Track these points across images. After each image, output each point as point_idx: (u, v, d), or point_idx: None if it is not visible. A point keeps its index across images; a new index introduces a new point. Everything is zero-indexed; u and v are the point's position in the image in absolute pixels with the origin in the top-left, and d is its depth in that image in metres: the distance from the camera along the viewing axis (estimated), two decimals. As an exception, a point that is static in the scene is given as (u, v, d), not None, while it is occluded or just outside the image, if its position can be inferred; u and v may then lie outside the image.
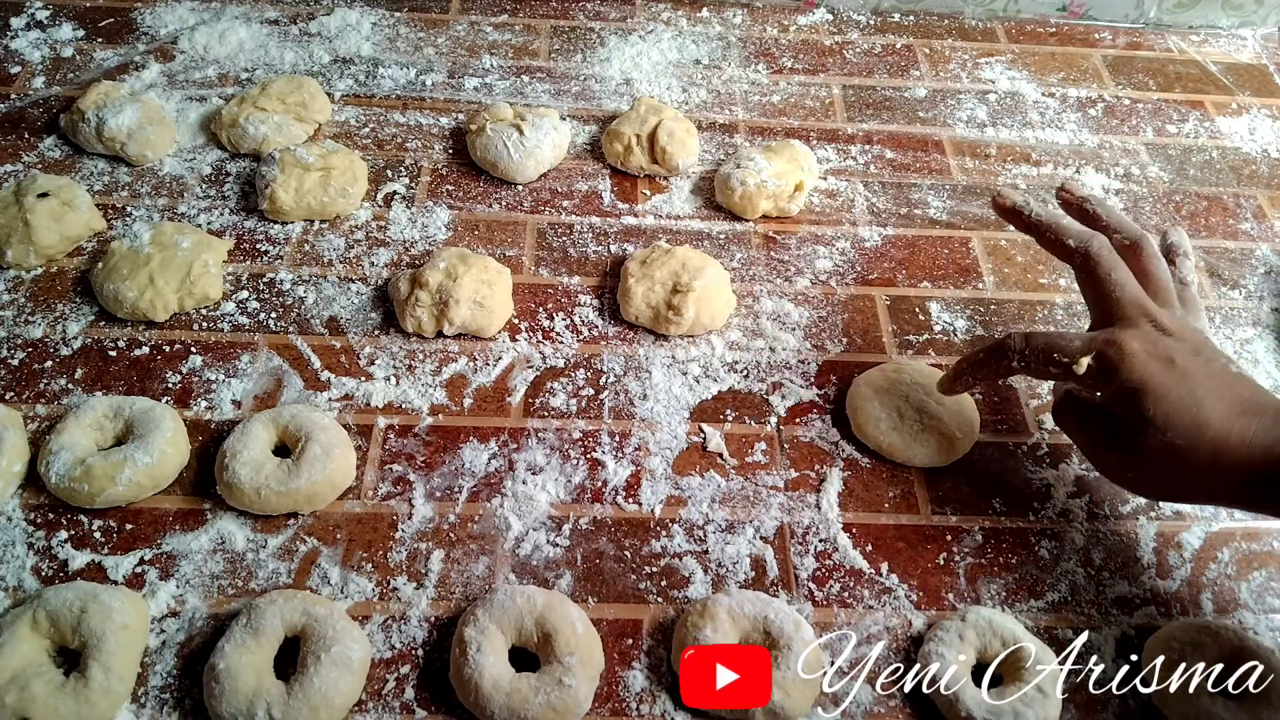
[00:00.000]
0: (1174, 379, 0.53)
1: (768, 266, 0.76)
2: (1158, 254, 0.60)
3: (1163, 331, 0.55)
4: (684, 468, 0.63)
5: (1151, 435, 0.53)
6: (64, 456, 0.58)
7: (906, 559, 0.60)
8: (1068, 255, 0.60)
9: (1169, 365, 0.53)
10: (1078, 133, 0.89)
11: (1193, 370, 0.53)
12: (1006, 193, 0.63)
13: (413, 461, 0.63)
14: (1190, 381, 0.53)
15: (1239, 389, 0.53)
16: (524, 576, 0.58)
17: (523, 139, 0.78)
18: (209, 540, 0.58)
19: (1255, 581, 0.60)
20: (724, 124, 0.87)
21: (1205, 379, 0.53)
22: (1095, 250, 0.58)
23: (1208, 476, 0.52)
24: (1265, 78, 0.97)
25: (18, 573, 0.56)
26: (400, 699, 0.53)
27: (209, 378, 0.66)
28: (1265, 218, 0.83)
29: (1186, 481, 0.54)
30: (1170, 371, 0.53)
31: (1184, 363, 0.53)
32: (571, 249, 0.76)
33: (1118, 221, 0.61)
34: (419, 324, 0.68)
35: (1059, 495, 0.63)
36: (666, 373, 0.68)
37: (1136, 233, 0.60)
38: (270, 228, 0.76)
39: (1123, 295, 0.57)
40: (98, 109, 0.78)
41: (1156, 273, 0.59)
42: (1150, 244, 0.60)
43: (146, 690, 0.52)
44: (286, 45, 0.91)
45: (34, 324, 0.68)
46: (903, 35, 0.98)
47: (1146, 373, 0.53)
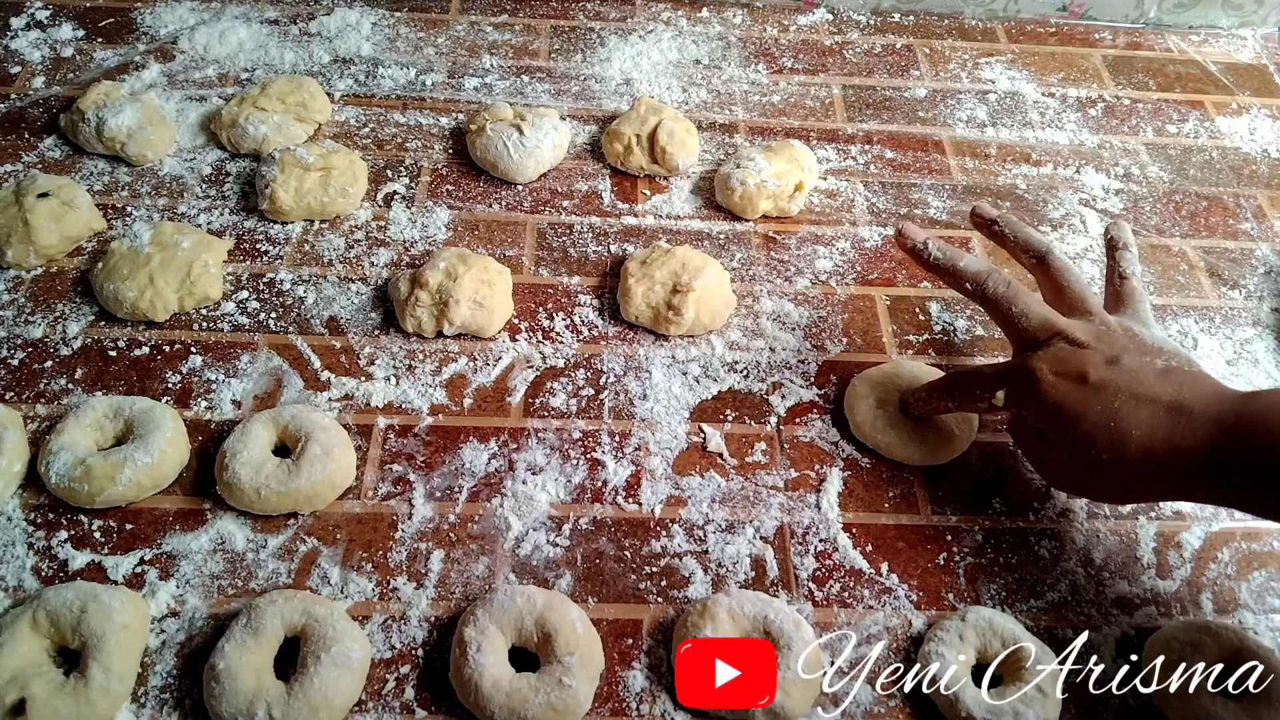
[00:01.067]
0: (1087, 396, 0.53)
1: (768, 266, 0.76)
2: (1067, 265, 0.61)
3: (1076, 345, 0.55)
4: (684, 468, 0.63)
5: (1081, 453, 0.53)
6: (64, 456, 0.58)
7: (906, 559, 0.60)
8: (968, 294, 0.61)
9: (1081, 383, 0.53)
10: (1078, 133, 0.89)
11: (1108, 382, 0.53)
12: (909, 231, 0.63)
13: (413, 461, 0.63)
14: (1105, 395, 0.52)
15: (1160, 391, 0.52)
16: (524, 576, 0.58)
17: (523, 139, 0.79)
18: (209, 540, 0.58)
19: (1255, 581, 0.60)
20: (724, 124, 0.87)
21: (1123, 387, 0.52)
22: (991, 287, 0.59)
23: (1147, 481, 0.53)
24: (1265, 78, 0.97)
25: (18, 573, 0.56)
26: (400, 699, 0.53)
27: (209, 378, 0.66)
28: (1265, 218, 0.83)
29: (1133, 487, 0.54)
30: (1083, 390, 0.53)
31: (1098, 376, 0.53)
32: (571, 249, 0.76)
33: (1024, 238, 0.63)
34: (419, 324, 0.68)
35: (1059, 495, 0.63)
36: (666, 373, 0.68)
37: (1043, 247, 0.62)
38: (270, 228, 0.76)
39: (1028, 323, 0.57)
40: (98, 109, 0.78)
41: (1068, 282, 0.60)
42: (1057, 255, 0.61)
43: (146, 690, 0.52)
44: (286, 45, 0.91)
45: (34, 324, 0.68)
46: (903, 35, 0.98)
47: (1058, 394, 0.53)
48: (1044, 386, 0.54)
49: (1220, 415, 0.50)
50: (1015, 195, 0.83)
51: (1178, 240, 0.80)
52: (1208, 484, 0.51)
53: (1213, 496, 0.52)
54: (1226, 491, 0.51)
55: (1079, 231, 0.80)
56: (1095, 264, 0.78)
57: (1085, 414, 0.52)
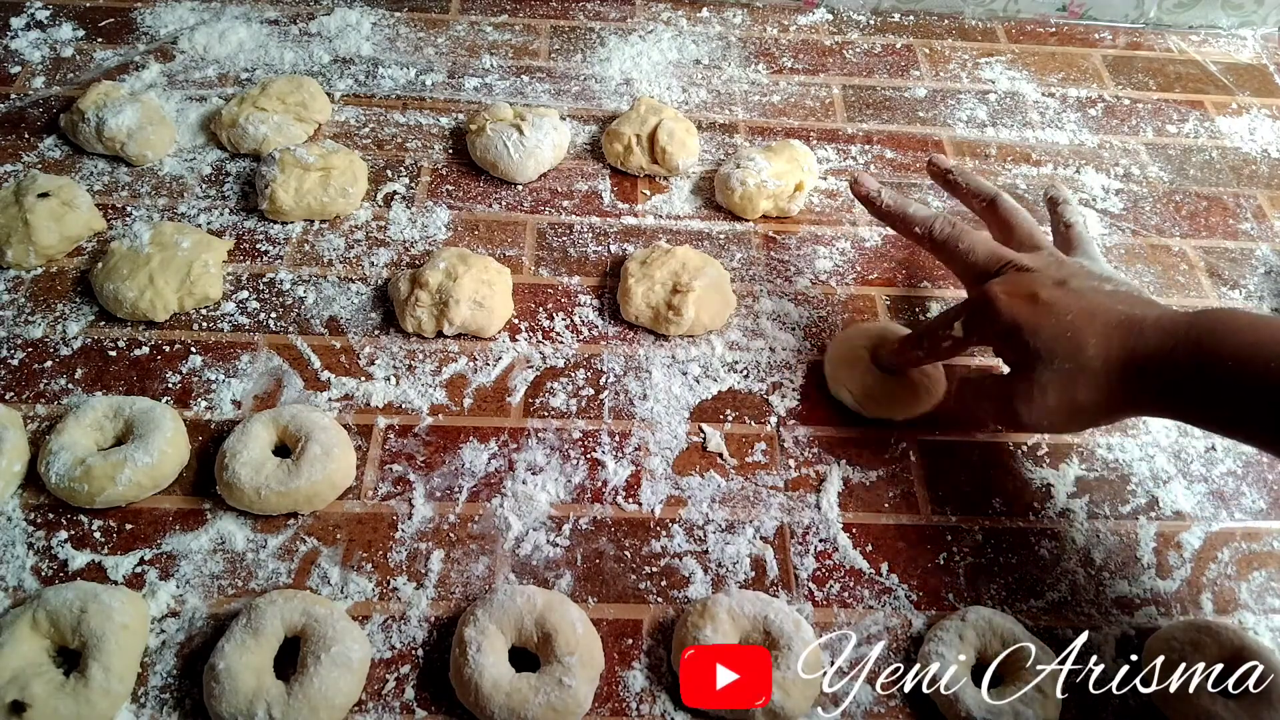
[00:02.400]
0: (1041, 312, 0.55)
1: (768, 266, 0.76)
2: (1014, 206, 0.65)
3: (1024, 270, 0.58)
4: (684, 468, 0.63)
5: (1041, 370, 0.54)
6: (64, 456, 0.58)
7: (906, 559, 0.60)
8: (917, 239, 0.65)
9: (1032, 301, 0.56)
10: (1078, 133, 0.89)
11: (1058, 300, 0.55)
12: (863, 180, 0.68)
13: (413, 461, 0.63)
14: (1057, 310, 0.55)
15: (1111, 308, 0.54)
16: (524, 576, 0.58)
17: (523, 139, 0.78)
18: (209, 540, 0.58)
19: (1255, 581, 0.60)
20: (724, 124, 0.87)
21: (1074, 304, 0.55)
22: (939, 229, 0.63)
23: (1105, 395, 0.53)
24: (1265, 78, 0.97)
25: (18, 573, 0.56)
26: (400, 699, 0.53)
27: (209, 378, 0.66)
28: (1265, 218, 0.83)
29: (1089, 406, 0.54)
30: (1035, 306, 0.55)
31: (1048, 295, 0.55)
32: (571, 249, 0.76)
33: (975, 185, 0.68)
34: (419, 324, 0.68)
35: (1059, 495, 0.63)
36: (666, 373, 0.68)
37: (990, 191, 0.66)
38: (270, 228, 0.76)
39: (976, 257, 0.61)
40: (98, 109, 0.78)
41: (1017, 221, 0.64)
42: (1004, 199, 0.66)
43: (146, 690, 0.52)
44: (286, 45, 0.91)
45: (34, 324, 0.68)
46: (903, 35, 0.98)
47: (1013, 312, 0.56)
48: (999, 305, 0.56)
49: (1172, 325, 0.52)
50: (1015, 195, 0.83)
51: (1178, 240, 0.80)
52: (1164, 394, 0.52)
53: (1169, 408, 0.53)
54: (1181, 402, 0.52)
55: (1079, 231, 0.80)
56: (1095, 264, 0.78)
57: (1041, 329, 0.54)
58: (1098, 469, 0.65)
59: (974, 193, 0.67)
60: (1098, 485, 0.64)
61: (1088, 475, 0.65)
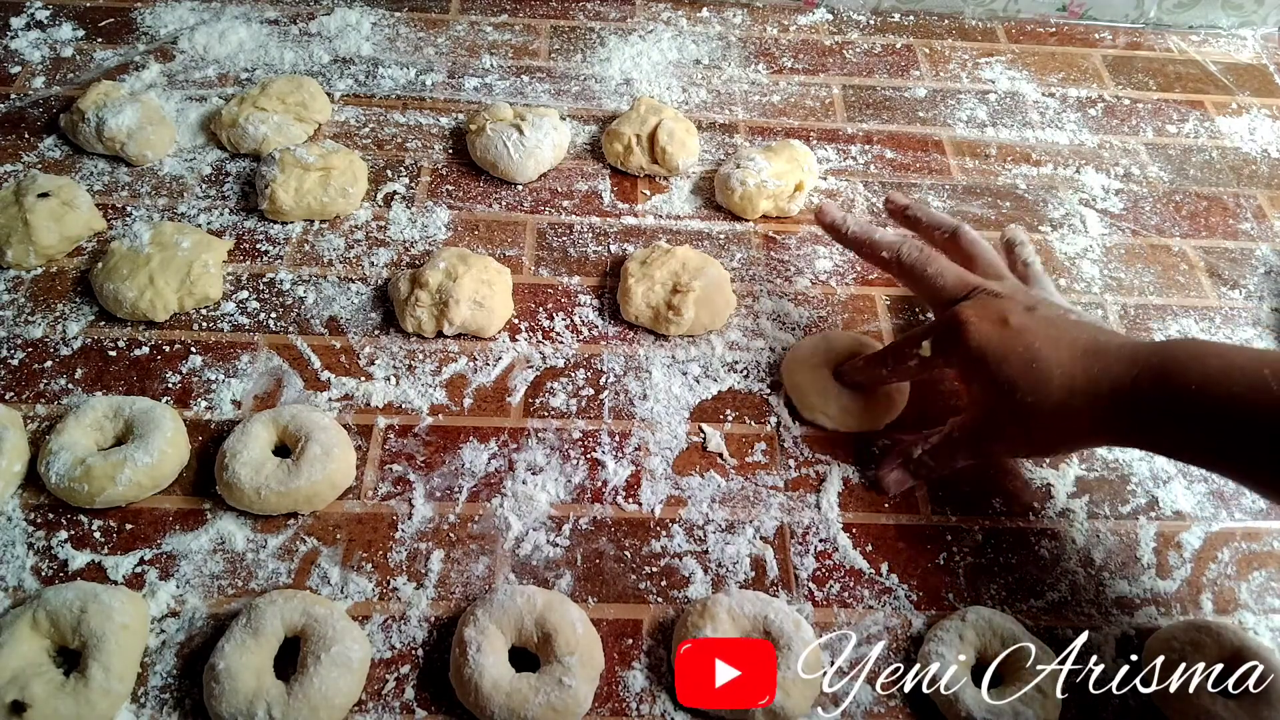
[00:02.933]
0: (1009, 337, 0.55)
1: (768, 266, 0.76)
2: (976, 238, 0.65)
3: (994, 295, 0.58)
4: (684, 468, 0.63)
5: (1004, 399, 0.55)
6: (64, 456, 0.58)
7: (906, 559, 0.60)
8: (885, 265, 0.65)
9: (1002, 325, 0.56)
10: (1078, 133, 0.89)
11: (1027, 326, 0.55)
12: (827, 208, 0.68)
13: (413, 461, 0.63)
14: (1026, 336, 0.55)
15: (1077, 335, 0.54)
16: (524, 576, 0.58)
17: (523, 139, 0.78)
18: (209, 540, 0.58)
19: (1255, 581, 0.60)
20: (724, 124, 0.87)
21: (1041, 331, 0.55)
22: (906, 254, 0.63)
23: (1074, 422, 0.53)
24: (1265, 78, 0.97)
25: (18, 573, 0.56)
26: (400, 699, 0.53)
27: (209, 378, 0.66)
28: (1265, 218, 0.83)
29: (1055, 432, 0.55)
30: (1005, 331, 0.55)
31: (1017, 320, 0.56)
32: (571, 249, 0.76)
33: (936, 220, 0.67)
34: (419, 324, 0.68)
35: (1059, 495, 0.63)
36: (666, 373, 0.68)
37: (952, 224, 0.66)
38: (270, 228, 0.76)
39: (944, 281, 0.61)
40: (98, 109, 0.78)
41: (979, 253, 0.64)
42: (967, 231, 0.65)
43: (146, 690, 0.52)
44: (286, 45, 0.91)
45: (34, 324, 0.68)
46: (903, 35, 0.98)
47: (982, 337, 0.55)
48: (969, 329, 0.56)
49: (1135, 353, 0.52)
50: (1015, 195, 0.83)
51: (1178, 240, 0.80)
52: (1130, 423, 0.52)
53: (1135, 437, 0.53)
54: (1146, 429, 0.52)
55: (1079, 231, 0.80)
56: (1095, 264, 0.78)
57: (1008, 358, 0.54)
58: (1098, 469, 0.65)
59: (935, 226, 0.67)
60: (1098, 485, 0.64)
61: (1088, 475, 0.65)
